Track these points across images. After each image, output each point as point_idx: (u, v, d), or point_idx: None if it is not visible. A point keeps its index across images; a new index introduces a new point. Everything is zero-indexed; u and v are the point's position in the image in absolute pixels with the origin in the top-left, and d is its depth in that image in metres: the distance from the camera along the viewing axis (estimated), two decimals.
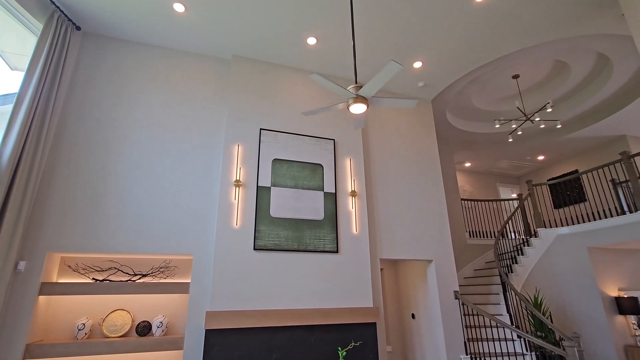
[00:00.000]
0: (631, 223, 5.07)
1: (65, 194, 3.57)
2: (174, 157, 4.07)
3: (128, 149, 3.92)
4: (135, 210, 3.73)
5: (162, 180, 3.94)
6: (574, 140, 7.37)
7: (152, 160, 3.97)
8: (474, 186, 8.79)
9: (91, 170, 3.73)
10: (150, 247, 3.66)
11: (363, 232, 4.41)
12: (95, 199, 3.65)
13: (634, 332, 5.38)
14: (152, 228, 3.73)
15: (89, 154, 3.78)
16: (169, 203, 3.87)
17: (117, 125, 3.98)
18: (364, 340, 3.95)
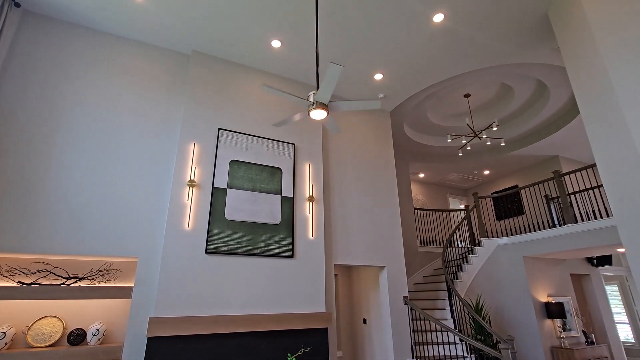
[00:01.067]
0: (560, 235, 5.61)
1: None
2: (122, 153, 3.81)
3: (68, 142, 3.61)
4: (73, 209, 3.43)
5: (106, 177, 3.66)
6: (515, 158, 8.03)
7: (96, 155, 3.69)
8: (426, 196, 9.22)
9: (23, 162, 3.37)
10: (89, 248, 3.38)
11: (319, 237, 4.43)
12: (25, 194, 3.30)
13: (559, 334, 5.93)
14: (92, 228, 3.45)
15: (22, 144, 3.42)
16: (113, 202, 3.61)
17: (57, 115, 3.65)
18: (316, 346, 3.94)
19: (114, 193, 3.64)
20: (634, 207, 2.88)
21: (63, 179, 3.47)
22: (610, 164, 3.18)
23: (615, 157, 3.07)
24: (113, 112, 3.91)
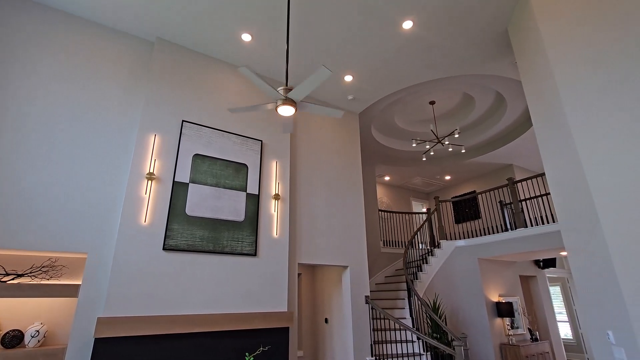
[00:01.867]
0: (511, 239, 5.97)
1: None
2: (73, 140, 3.55)
3: (10, 126, 3.30)
4: (12, 199, 3.14)
5: (53, 164, 3.39)
6: (474, 165, 8.45)
7: (42, 141, 3.40)
8: (391, 199, 9.45)
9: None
10: (30, 242, 3.11)
11: (284, 236, 4.39)
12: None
13: (507, 332, 6.30)
14: (35, 220, 3.17)
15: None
16: (60, 193, 3.35)
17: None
18: (276, 345, 3.90)
19: (61, 183, 3.37)
20: (575, 215, 3.12)
21: (3, 165, 3.16)
22: (557, 175, 3.42)
23: (561, 169, 3.31)
24: (65, 96, 3.63)
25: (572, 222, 3.21)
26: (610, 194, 2.68)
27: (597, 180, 2.78)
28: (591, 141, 2.87)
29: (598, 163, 2.79)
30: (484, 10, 3.98)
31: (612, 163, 2.71)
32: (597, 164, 2.80)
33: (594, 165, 2.82)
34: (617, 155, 2.69)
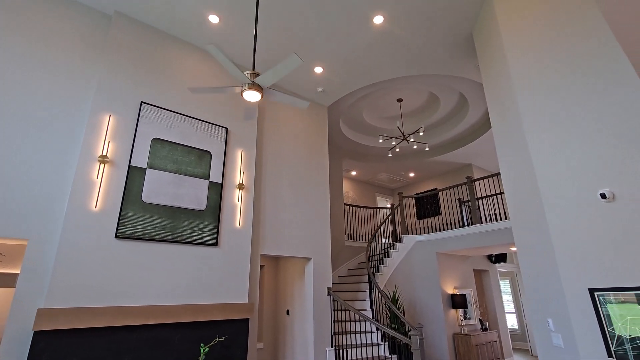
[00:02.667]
0: (467, 234, 6.26)
1: None
2: (16, 117, 3.23)
3: None
4: None
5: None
6: (437, 163, 8.77)
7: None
8: (356, 193, 9.58)
9: None
10: None
11: (247, 226, 4.30)
12: None
13: (460, 322, 6.64)
14: None
15: None
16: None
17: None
18: (235, 337, 3.82)
19: (0, 162, 3.06)
20: (525, 213, 3.32)
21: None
22: (510, 173, 3.62)
23: (515, 168, 3.50)
24: (12, 69, 3.29)
25: (522, 219, 3.41)
26: (556, 192, 2.87)
27: (544, 180, 2.97)
28: (541, 143, 3.05)
29: (547, 163, 2.98)
30: (451, 13, 4.10)
31: (559, 163, 2.90)
32: (546, 164, 2.99)
33: (543, 165, 3.01)
34: (564, 157, 2.88)
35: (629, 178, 2.50)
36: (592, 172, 2.70)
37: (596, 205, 2.63)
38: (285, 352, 5.39)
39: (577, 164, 2.79)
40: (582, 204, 2.70)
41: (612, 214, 2.54)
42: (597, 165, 2.68)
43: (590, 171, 2.71)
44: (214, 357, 3.63)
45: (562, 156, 2.89)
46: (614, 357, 2.36)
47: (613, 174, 2.58)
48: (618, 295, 2.41)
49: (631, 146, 2.53)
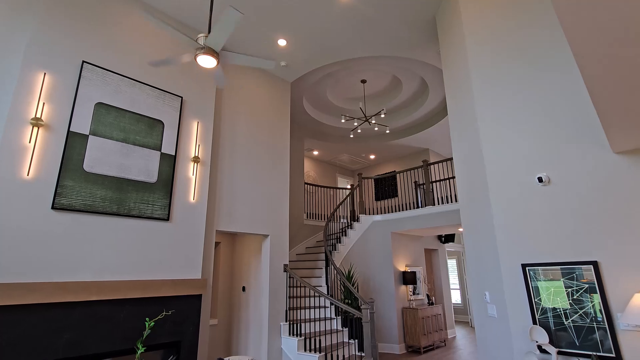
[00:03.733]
0: (421, 215, 6.56)
1: None
2: None
3: None
4: None
5: None
6: (396, 147, 9.00)
7: None
8: (317, 173, 9.62)
9: None
10: None
11: (201, 201, 4.15)
12: None
13: (409, 297, 7.04)
14: None
15: None
16: None
17: None
18: (187, 313, 3.75)
19: None
20: (471, 197, 3.52)
21: None
22: (462, 159, 3.79)
23: (466, 156, 3.67)
24: None
25: (469, 201, 3.62)
26: (500, 176, 3.06)
27: (491, 164, 3.15)
28: (491, 130, 3.21)
29: (494, 149, 3.15)
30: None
31: (505, 149, 3.08)
32: (493, 150, 3.15)
33: (491, 151, 3.18)
34: (509, 142, 3.06)
35: (562, 163, 2.72)
36: (532, 157, 2.90)
37: (534, 188, 2.84)
38: (240, 328, 5.41)
39: (520, 149, 2.98)
40: (522, 187, 2.91)
41: (547, 196, 2.76)
42: (537, 151, 2.88)
43: (531, 156, 2.90)
44: (165, 333, 3.54)
45: (508, 142, 3.07)
46: (538, 324, 2.62)
47: (550, 159, 2.79)
48: (546, 270, 2.65)
49: (565, 132, 2.73)
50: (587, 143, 2.61)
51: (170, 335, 3.59)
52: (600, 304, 2.37)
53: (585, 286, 2.46)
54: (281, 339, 4.74)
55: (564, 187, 2.68)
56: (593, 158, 2.57)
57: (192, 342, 3.71)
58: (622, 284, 2.32)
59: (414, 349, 6.54)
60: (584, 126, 2.65)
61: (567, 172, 2.68)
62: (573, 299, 2.49)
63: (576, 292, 2.49)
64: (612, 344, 2.29)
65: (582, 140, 2.64)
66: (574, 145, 2.67)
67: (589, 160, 2.59)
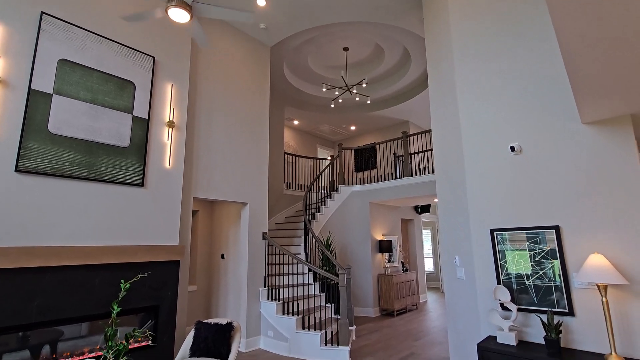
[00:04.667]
0: (398, 186, 6.69)
1: None
2: None
3: None
4: None
5: None
6: (377, 118, 8.99)
7: None
8: (298, 143, 9.54)
9: None
10: None
11: (177, 167, 4.05)
12: None
13: (385, 264, 7.31)
14: None
15: None
16: None
17: None
18: (165, 279, 3.75)
19: None
20: (447, 166, 3.60)
21: None
22: (440, 130, 3.83)
23: (444, 126, 3.71)
24: None
25: (443, 173, 3.70)
26: (475, 146, 3.13)
27: (467, 134, 3.20)
28: (469, 101, 3.24)
29: (470, 119, 3.20)
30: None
31: (481, 119, 3.13)
32: (470, 120, 3.20)
33: (468, 121, 3.22)
34: (486, 113, 3.10)
35: (533, 133, 2.80)
36: (506, 127, 2.96)
37: (506, 157, 2.93)
38: (219, 294, 5.49)
39: (496, 119, 3.03)
40: (495, 156, 2.99)
41: (517, 165, 2.85)
42: (511, 121, 2.94)
43: (505, 126, 2.97)
44: (143, 298, 3.55)
45: (485, 112, 3.12)
46: (502, 284, 2.80)
47: (523, 129, 2.86)
48: (512, 235, 2.80)
49: (538, 103, 2.79)
50: (558, 114, 2.69)
51: (148, 300, 3.60)
52: (559, 266, 2.54)
53: (546, 249, 2.61)
54: (260, 304, 4.86)
55: (534, 156, 2.77)
56: (562, 128, 2.66)
57: (170, 307, 3.75)
58: (579, 247, 2.48)
59: (387, 312, 6.89)
60: (557, 98, 2.71)
61: (537, 141, 2.77)
62: (535, 261, 2.66)
63: (538, 254, 2.65)
64: (566, 301, 2.48)
65: (554, 111, 2.71)
66: (546, 115, 2.75)
67: (558, 130, 2.67)
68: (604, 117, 2.46)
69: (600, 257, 2.27)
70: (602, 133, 2.49)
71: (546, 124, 2.74)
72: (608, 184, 2.42)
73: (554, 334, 2.35)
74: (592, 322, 2.37)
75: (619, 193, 2.38)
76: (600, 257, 2.27)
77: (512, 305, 2.62)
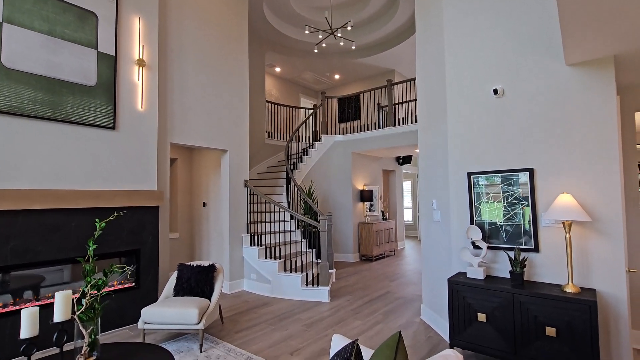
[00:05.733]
0: (381, 135, 6.67)
1: None
2: None
3: None
4: None
5: None
6: (362, 66, 8.68)
7: None
8: (280, 92, 9.20)
9: None
10: None
11: (151, 110, 3.85)
12: None
13: (366, 213, 7.52)
14: None
15: None
16: None
17: None
18: (145, 224, 3.73)
19: None
20: (428, 118, 3.55)
21: None
22: (424, 74, 3.72)
23: (429, 71, 3.59)
24: None
25: (426, 122, 3.66)
26: (459, 90, 3.08)
27: (452, 78, 3.13)
28: (455, 46, 3.12)
29: (455, 63, 3.10)
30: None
31: (466, 62, 3.04)
32: (455, 63, 3.11)
33: (452, 64, 3.13)
34: (471, 55, 3.01)
35: (517, 75, 2.76)
36: (491, 69, 2.90)
37: (488, 100, 2.91)
38: (202, 241, 5.57)
39: (481, 62, 2.96)
40: (478, 99, 2.96)
41: (499, 108, 2.84)
42: (496, 63, 2.88)
43: (490, 68, 2.90)
44: (124, 242, 3.54)
45: (470, 54, 3.02)
46: (475, 224, 2.92)
47: (507, 71, 2.81)
48: (488, 177, 2.87)
49: (524, 45, 2.72)
50: (543, 54, 2.64)
51: (129, 244, 3.60)
52: (529, 207, 2.65)
53: (519, 192, 2.71)
54: (243, 249, 4.97)
55: (515, 99, 2.76)
56: (545, 70, 2.62)
57: (151, 251, 3.77)
58: (550, 188, 2.58)
59: (367, 257, 7.23)
60: (544, 39, 2.64)
61: (519, 84, 2.74)
62: (507, 203, 2.76)
63: (511, 196, 2.75)
64: (533, 238, 2.62)
65: (538, 53, 2.66)
66: (530, 57, 2.69)
67: (541, 72, 2.64)
68: (589, 58, 2.43)
69: (568, 197, 2.37)
70: (585, 75, 2.47)
71: (530, 65, 2.69)
72: (583, 127, 2.46)
73: (518, 268, 2.52)
74: (554, 257, 2.54)
75: (592, 136, 2.43)
76: (569, 197, 2.37)
77: (482, 243, 2.76)
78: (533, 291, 2.35)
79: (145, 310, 2.92)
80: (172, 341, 3.13)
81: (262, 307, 4.13)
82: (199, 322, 2.90)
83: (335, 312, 3.91)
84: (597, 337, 2.10)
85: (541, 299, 2.30)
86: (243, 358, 2.79)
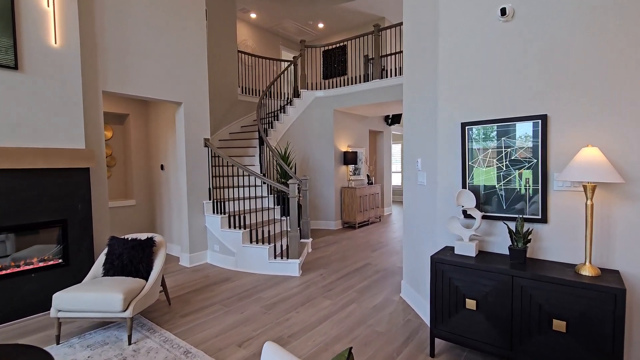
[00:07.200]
0: (366, 90, 5.92)
1: None
2: None
3: None
4: None
5: None
6: (348, 12, 7.69)
7: None
8: (257, 43, 8.21)
9: None
10: None
11: (71, 47, 3.06)
12: None
13: (349, 177, 6.93)
14: None
15: None
16: None
17: None
18: (72, 189, 3.07)
19: None
20: (414, 70, 2.83)
21: None
22: (412, 29, 2.94)
23: (418, 25, 2.81)
24: None
25: (411, 75, 2.94)
26: (454, 6, 2.35)
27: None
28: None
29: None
30: None
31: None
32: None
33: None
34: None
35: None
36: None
37: (492, 25, 2.20)
38: (163, 208, 4.96)
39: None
40: (478, 24, 2.25)
41: (505, 36, 2.15)
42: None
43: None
44: (44, 211, 2.91)
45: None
46: (467, 188, 2.33)
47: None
48: (486, 129, 2.24)
49: None
50: None
51: (51, 213, 2.97)
52: (539, 165, 2.05)
53: (526, 146, 2.09)
54: (205, 217, 4.39)
55: (529, 23, 2.06)
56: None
57: (83, 222, 3.15)
58: (568, 141, 1.97)
59: (349, 224, 6.74)
60: None
61: (536, 1, 2.03)
62: (510, 161, 2.16)
63: (515, 152, 2.14)
64: (540, 205, 2.05)
65: None
66: None
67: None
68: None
69: (594, 150, 1.76)
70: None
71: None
72: (617, 61, 1.80)
73: (521, 243, 1.97)
74: (566, 230, 1.99)
75: (627, 72, 1.78)
76: (595, 150, 1.76)
77: (476, 212, 2.18)
78: (539, 273, 1.81)
79: (58, 295, 2.35)
80: (100, 329, 2.61)
81: (222, 283, 3.62)
82: (125, 309, 2.35)
83: (304, 289, 3.42)
84: (622, 334, 1.59)
85: (550, 284, 1.77)
86: (179, 352, 2.28)
